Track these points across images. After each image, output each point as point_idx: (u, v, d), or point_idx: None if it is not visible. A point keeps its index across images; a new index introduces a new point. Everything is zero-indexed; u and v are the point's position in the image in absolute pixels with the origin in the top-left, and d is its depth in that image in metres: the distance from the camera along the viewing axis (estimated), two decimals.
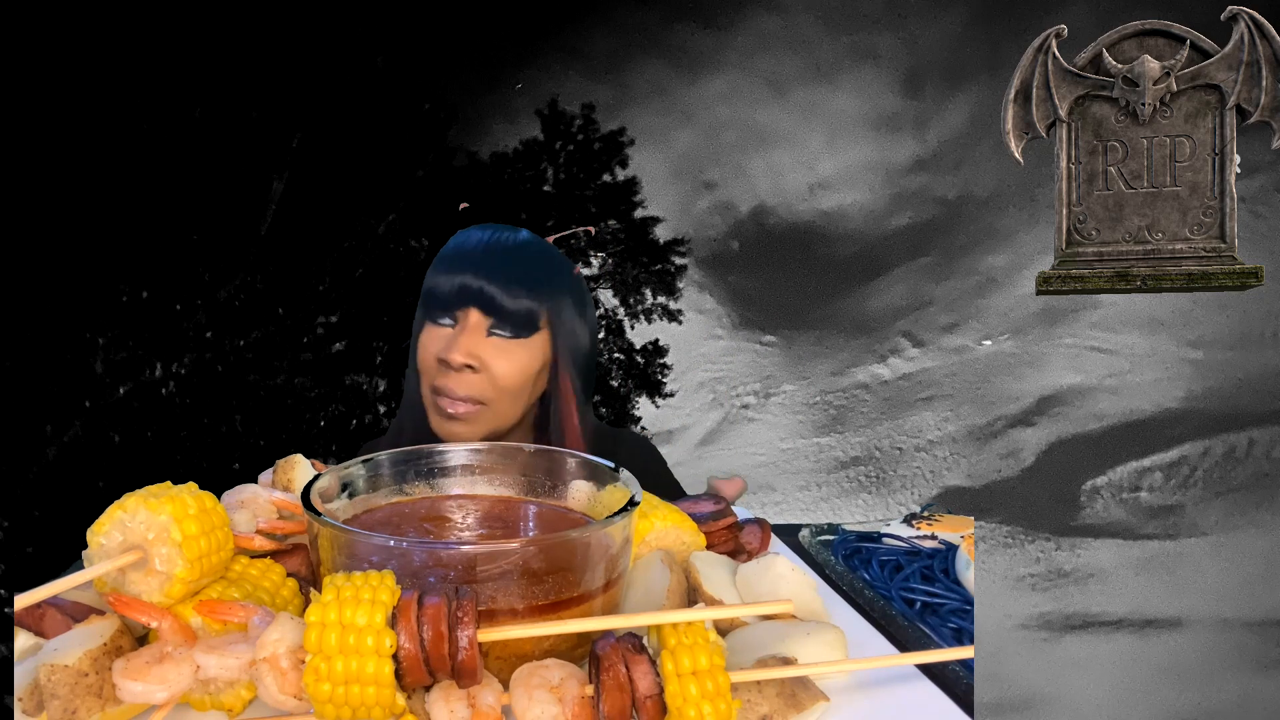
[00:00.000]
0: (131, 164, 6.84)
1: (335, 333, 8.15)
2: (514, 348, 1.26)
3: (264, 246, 7.59)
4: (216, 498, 0.65)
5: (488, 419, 1.26)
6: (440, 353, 1.24)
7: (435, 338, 1.26)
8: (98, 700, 0.54)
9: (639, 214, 10.84)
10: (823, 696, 0.56)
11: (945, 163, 22.86)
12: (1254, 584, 14.28)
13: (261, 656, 0.53)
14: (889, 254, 22.61)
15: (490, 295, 1.25)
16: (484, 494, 0.79)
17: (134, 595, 0.57)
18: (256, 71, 7.37)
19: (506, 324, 1.26)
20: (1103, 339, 19.90)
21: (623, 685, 0.52)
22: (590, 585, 0.62)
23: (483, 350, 1.24)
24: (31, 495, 6.35)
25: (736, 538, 0.81)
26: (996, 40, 19.81)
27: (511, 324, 1.26)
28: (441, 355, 1.23)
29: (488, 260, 1.28)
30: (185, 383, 7.05)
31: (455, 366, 1.23)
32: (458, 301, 1.25)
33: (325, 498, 0.70)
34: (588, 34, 20.28)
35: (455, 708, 0.54)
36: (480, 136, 13.68)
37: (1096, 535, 16.62)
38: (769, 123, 24.72)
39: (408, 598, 0.53)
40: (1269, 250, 1.53)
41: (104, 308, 6.75)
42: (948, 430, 19.34)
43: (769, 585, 0.69)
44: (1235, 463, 17.23)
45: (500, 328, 1.26)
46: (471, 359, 1.23)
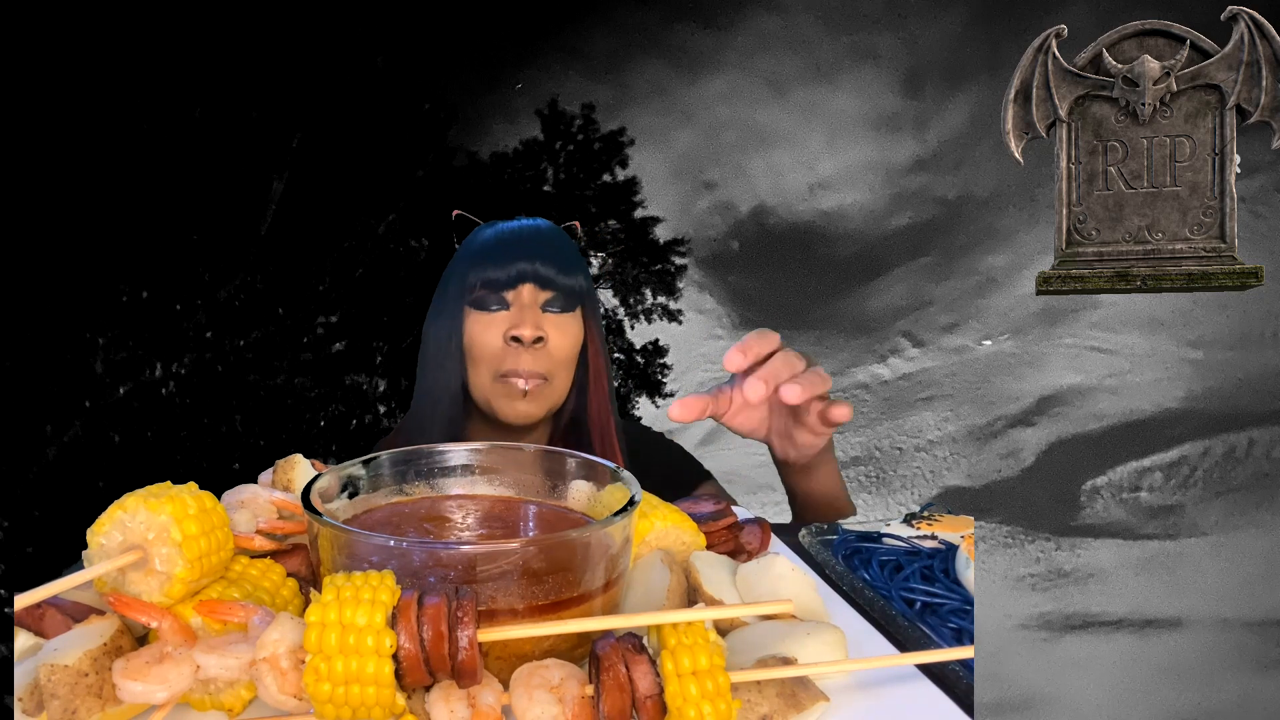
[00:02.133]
0: (132, 164, 6.83)
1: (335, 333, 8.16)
2: (565, 321, 1.34)
3: (264, 246, 7.59)
4: (216, 498, 0.65)
5: (549, 395, 1.33)
6: (509, 332, 1.29)
7: (492, 322, 1.31)
8: (98, 700, 0.54)
9: (639, 214, 10.85)
10: (823, 696, 0.56)
11: (945, 163, 22.83)
12: (1254, 584, 14.28)
13: (261, 656, 0.53)
14: (889, 254, 22.59)
15: (544, 272, 1.31)
16: (484, 494, 0.79)
17: (134, 595, 0.57)
18: (256, 71, 7.37)
19: (559, 298, 1.33)
20: (1103, 339, 19.90)
21: (623, 685, 0.52)
22: (590, 585, 0.62)
23: (544, 323, 1.31)
24: (31, 495, 6.35)
25: (736, 538, 0.81)
26: (996, 40, 19.80)
27: (564, 297, 1.33)
28: (513, 333, 1.29)
29: (535, 242, 1.35)
30: (185, 383, 7.05)
31: (527, 341, 1.28)
32: (513, 282, 1.31)
33: (325, 498, 0.70)
34: (588, 34, 20.26)
35: (455, 708, 0.54)
36: (480, 136, 13.68)
37: (1096, 535, 16.62)
38: (769, 123, 24.69)
39: (408, 598, 0.53)
40: (1269, 250, 1.53)
41: (104, 308, 6.75)
42: (948, 430, 19.33)
43: (769, 585, 0.69)
44: (1235, 463, 17.23)
45: (553, 303, 1.33)
46: (540, 331, 1.30)
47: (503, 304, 1.32)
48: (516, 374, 1.29)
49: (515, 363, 1.30)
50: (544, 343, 1.31)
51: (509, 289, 1.31)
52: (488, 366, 1.31)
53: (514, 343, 1.29)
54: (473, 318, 1.33)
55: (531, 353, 1.30)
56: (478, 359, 1.32)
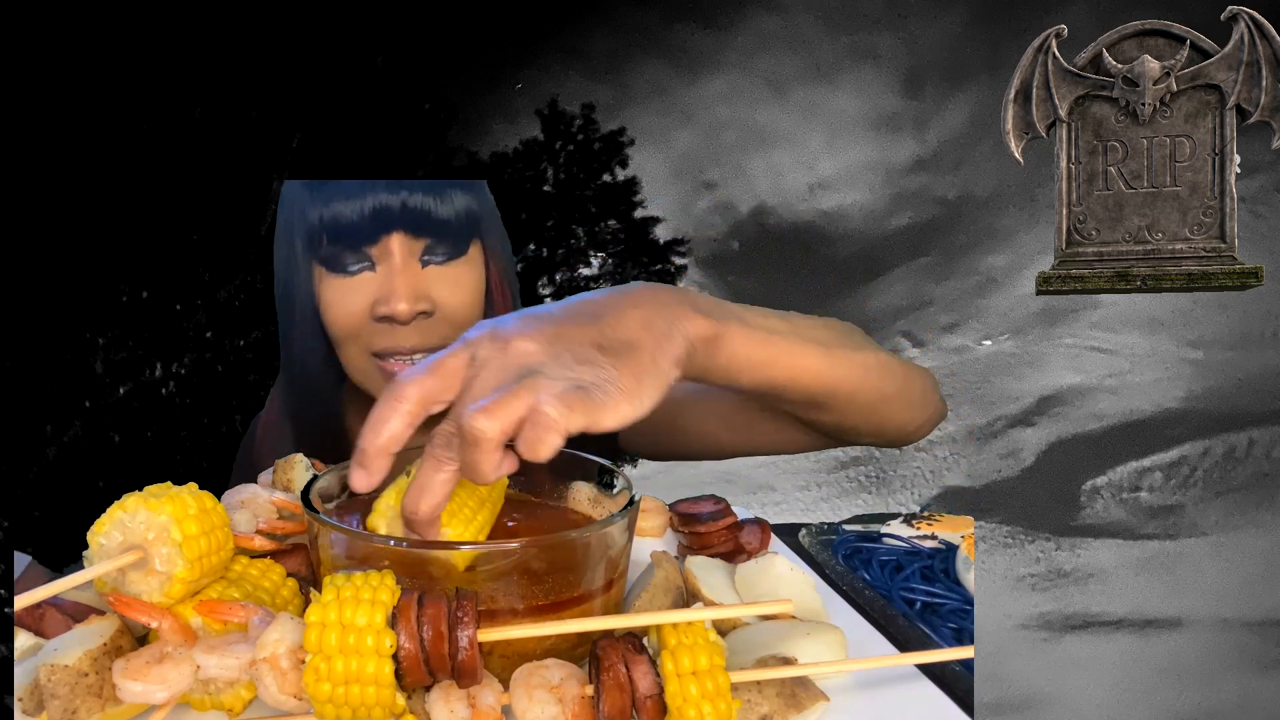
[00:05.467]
0: (132, 164, 6.84)
1: None
2: (458, 272, 0.97)
3: (264, 246, 7.59)
4: (216, 498, 0.65)
5: None
6: (376, 308, 0.94)
7: (351, 290, 0.95)
8: (98, 700, 0.54)
9: (639, 214, 10.84)
10: (823, 696, 0.56)
11: (945, 163, 22.88)
12: (1254, 584, 14.29)
13: (261, 656, 0.53)
14: (889, 254, 22.63)
15: (417, 207, 0.92)
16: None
17: (134, 595, 0.57)
18: (256, 71, 7.37)
19: (443, 243, 0.96)
20: (1103, 339, 19.93)
21: (623, 685, 0.52)
22: (590, 585, 0.62)
23: (426, 286, 0.95)
24: (31, 495, 6.35)
25: (736, 538, 0.81)
26: (996, 40, 19.84)
27: (450, 240, 0.96)
28: (381, 310, 0.94)
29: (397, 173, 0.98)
30: (185, 383, 7.05)
31: (405, 320, 0.94)
32: (374, 230, 0.92)
33: (325, 498, 0.70)
34: (588, 34, 20.30)
35: (455, 708, 0.54)
36: (480, 136, 13.68)
37: (1096, 535, 16.62)
38: (769, 123, 24.73)
39: (408, 598, 0.53)
40: (1269, 250, 1.53)
41: (104, 308, 6.75)
42: (948, 430, 19.33)
43: (769, 585, 0.69)
44: (1235, 463, 17.24)
45: (435, 251, 0.96)
46: (422, 303, 0.94)
47: (364, 262, 0.94)
48: (396, 353, 0.96)
49: (393, 341, 0.95)
50: (430, 314, 0.96)
51: (369, 242, 0.93)
52: (356, 345, 0.97)
53: (387, 321, 0.95)
54: (326, 282, 0.96)
55: (415, 327, 0.95)
56: (341, 337, 0.97)
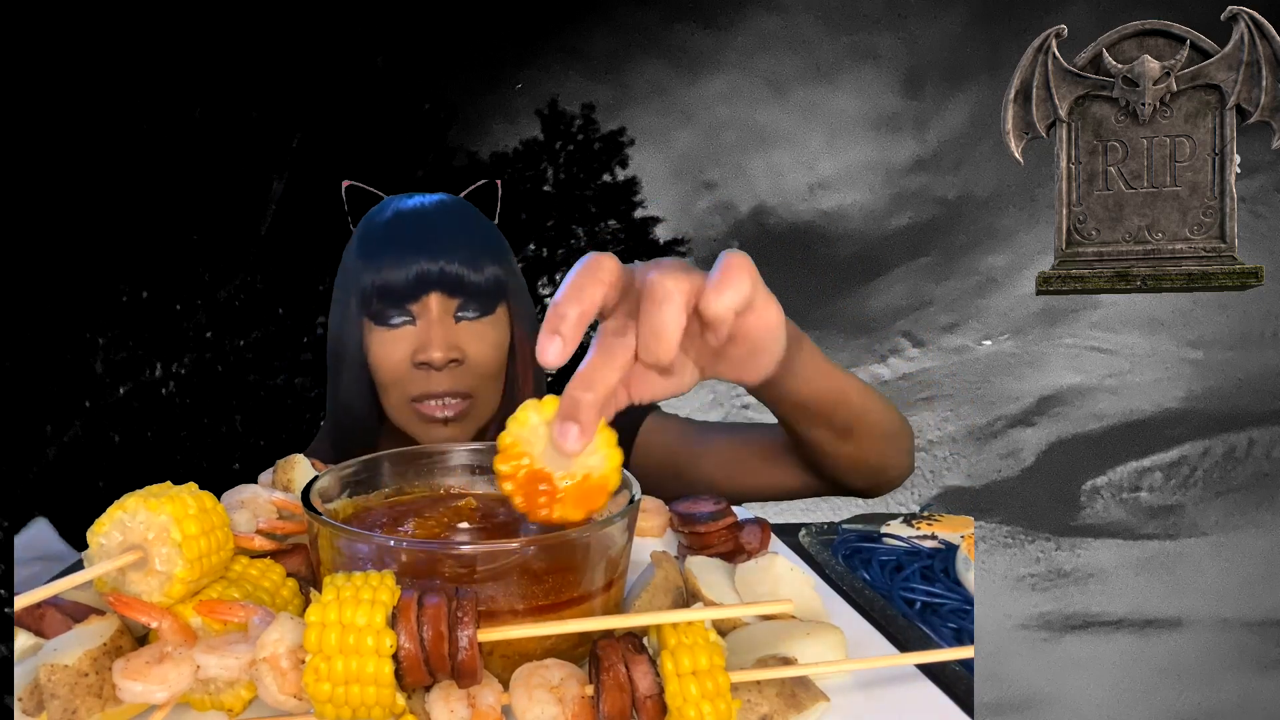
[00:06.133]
0: (132, 164, 6.84)
1: None
2: (485, 329, 1.13)
3: (264, 246, 7.59)
4: (216, 498, 0.65)
5: (474, 414, 1.15)
6: (415, 356, 1.10)
7: (396, 340, 1.11)
8: (98, 700, 0.54)
9: (639, 214, 10.83)
10: (823, 696, 0.56)
11: (945, 163, 22.87)
12: (1254, 584, 14.28)
13: (261, 656, 0.53)
14: (889, 254, 22.63)
15: (452, 273, 1.09)
16: (484, 494, 0.79)
17: (134, 595, 0.57)
18: (256, 71, 7.38)
19: (474, 302, 1.12)
20: (1103, 339, 19.92)
21: (623, 685, 0.52)
22: (590, 585, 0.62)
23: (458, 338, 1.11)
24: (31, 495, 6.35)
25: (736, 538, 0.81)
26: (996, 40, 19.84)
27: (480, 300, 1.12)
28: (419, 358, 1.09)
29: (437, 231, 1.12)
30: (185, 383, 7.05)
31: (439, 366, 1.09)
32: (415, 291, 1.09)
33: (325, 498, 0.70)
34: (588, 34, 20.29)
35: (455, 708, 0.54)
36: (480, 136, 13.68)
37: (1096, 535, 16.61)
38: (769, 123, 24.72)
39: (408, 598, 0.53)
40: (1269, 250, 1.53)
41: (104, 308, 6.75)
42: (948, 430, 19.34)
43: (769, 585, 0.69)
44: (1235, 463, 17.24)
45: (467, 309, 1.12)
46: (454, 352, 1.10)
47: (406, 316, 1.11)
48: (431, 397, 1.11)
49: (427, 385, 1.10)
50: (461, 362, 1.11)
51: (411, 300, 1.10)
52: (397, 390, 1.12)
53: (424, 367, 1.10)
54: (374, 334, 1.12)
55: (447, 373, 1.10)
56: (385, 382, 1.13)
